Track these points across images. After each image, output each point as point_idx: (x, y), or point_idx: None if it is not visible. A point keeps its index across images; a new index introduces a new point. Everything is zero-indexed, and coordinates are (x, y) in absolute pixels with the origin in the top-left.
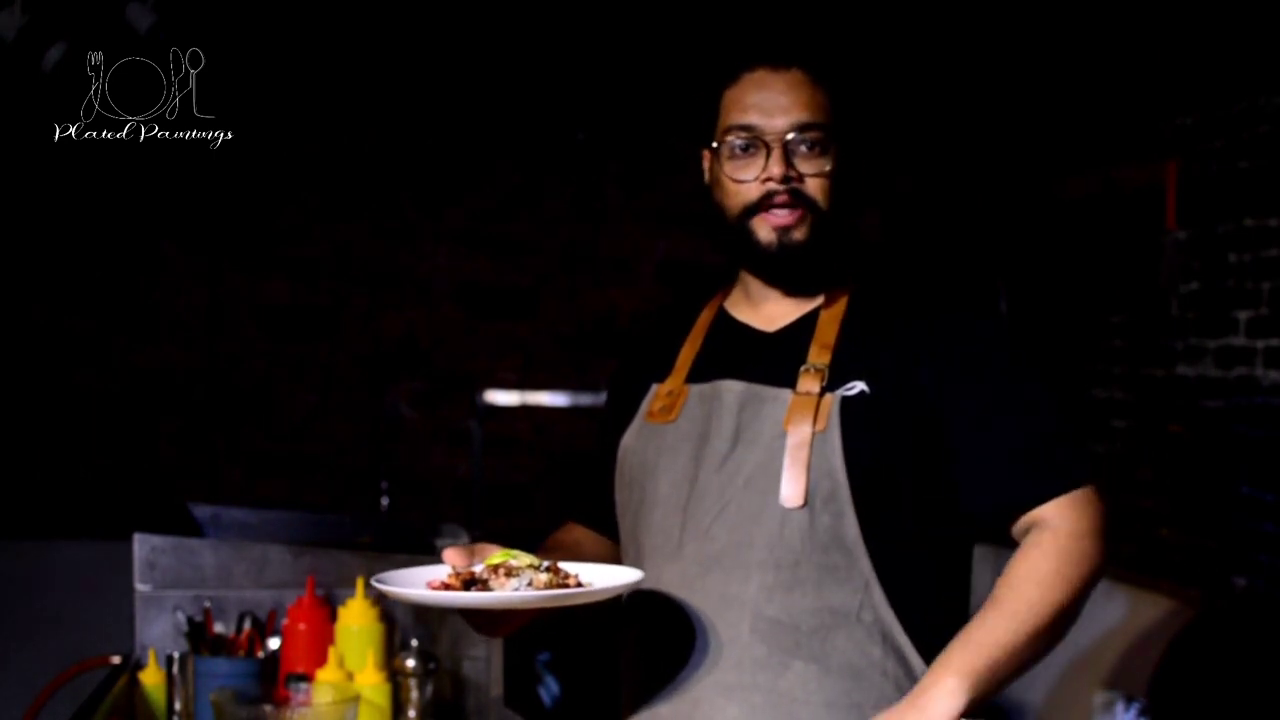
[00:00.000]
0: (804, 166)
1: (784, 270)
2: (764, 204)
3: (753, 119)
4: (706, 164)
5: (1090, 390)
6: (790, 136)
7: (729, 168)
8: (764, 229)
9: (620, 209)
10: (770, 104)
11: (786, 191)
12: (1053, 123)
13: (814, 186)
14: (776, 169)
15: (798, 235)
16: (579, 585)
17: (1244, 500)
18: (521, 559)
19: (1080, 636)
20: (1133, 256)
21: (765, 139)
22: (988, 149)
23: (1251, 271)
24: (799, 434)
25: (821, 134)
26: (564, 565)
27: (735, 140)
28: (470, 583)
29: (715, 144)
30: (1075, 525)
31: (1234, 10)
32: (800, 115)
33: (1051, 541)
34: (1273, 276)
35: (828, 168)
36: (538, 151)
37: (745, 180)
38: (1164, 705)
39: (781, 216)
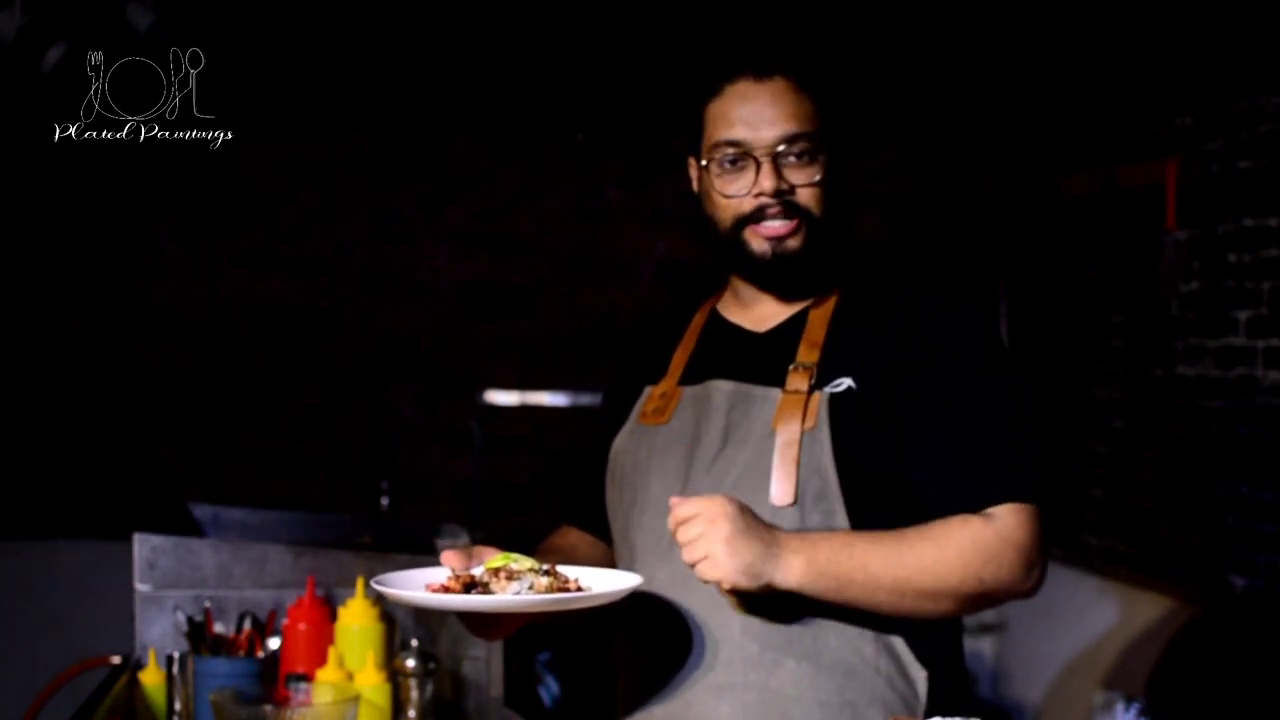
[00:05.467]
0: (794, 177)
1: (778, 278)
2: (757, 216)
3: (739, 134)
4: (694, 174)
5: (1090, 390)
6: (779, 149)
7: (718, 183)
8: (757, 240)
9: (620, 209)
10: (756, 117)
11: (779, 204)
12: (1053, 122)
13: (806, 196)
14: (768, 183)
15: (792, 244)
16: (579, 590)
17: (1244, 500)
18: (522, 563)
19: (1080, 636)
20: (1133, 256)
21: (754, 153)
22: (988, 149)
23: (1251, 271)
24: (788, 432)
25: (810, 143)
26: (563, 569)
27: (723, 155)
28: (471, 585)
29: (703, 160)
30: (1010, 531)
31: (1234, 10)
32: (788, 126)
33: (980, 529)
34: (1273, 276)
35: (818, 176)
36: (538, 151)
37: (736, 195)
38: (1163, 705)
39: (776, 228)
